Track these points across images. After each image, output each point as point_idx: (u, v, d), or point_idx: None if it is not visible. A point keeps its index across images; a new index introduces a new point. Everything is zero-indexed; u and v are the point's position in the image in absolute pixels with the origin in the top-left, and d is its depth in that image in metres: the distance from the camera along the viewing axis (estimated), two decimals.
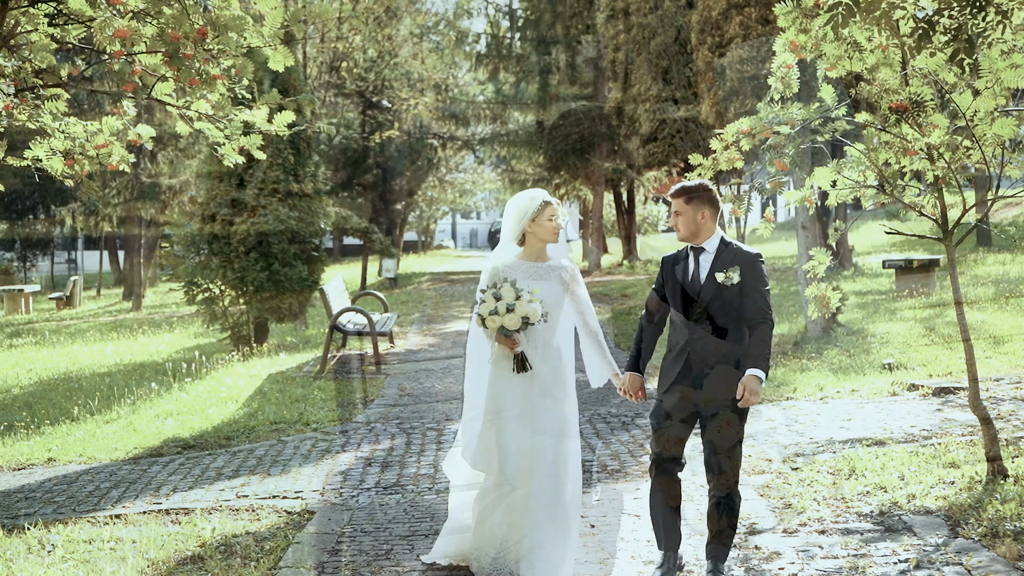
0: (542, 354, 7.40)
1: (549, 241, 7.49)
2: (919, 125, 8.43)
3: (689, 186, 7.10)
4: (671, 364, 7.12)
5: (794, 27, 9.11)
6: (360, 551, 8.03)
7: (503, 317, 7.15)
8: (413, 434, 12.13)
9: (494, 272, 7.46)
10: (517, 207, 7.52)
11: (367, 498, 9.61)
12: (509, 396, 7.36)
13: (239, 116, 8.35)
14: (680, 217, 7.12)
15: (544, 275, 7.46)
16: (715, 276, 6.93)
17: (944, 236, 8.91)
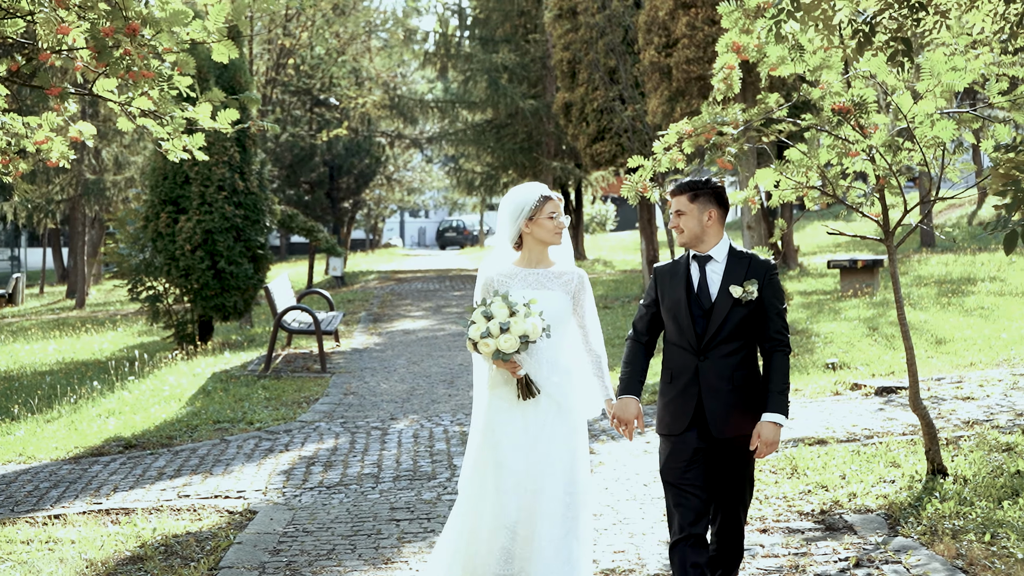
0: (548, 375, 6.39)
1: (550, 243, 6.50)
2: (861, 127, 8.48)
3: (694, 181, 6.13)
4: (679, 400, 6.02)
5: (737, 28, 9.16)
6: (302, 551, 7.99)
7: (497, 339, 6.16)
8: (357, 433, 12.09)
9: (487, 284, 6.52)
10: (511, 205, 6.53)
11: (310, 498, 9.57)
12: (511, 427, 6.35)
13: (181, 113, 8.28)
14: (682, 218, 6.08)
15: (546, 283, 6.47)
16: (729, 290, 5.93)
17: (886, 237, 8.98)
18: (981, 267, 24.71)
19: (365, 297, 28.92)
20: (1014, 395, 11.76)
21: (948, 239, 27.24)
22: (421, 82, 47.26)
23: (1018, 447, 9.50)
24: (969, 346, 15.06)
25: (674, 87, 21.27)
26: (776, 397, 5.93)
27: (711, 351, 5.97)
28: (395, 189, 52.26)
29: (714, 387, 5.95)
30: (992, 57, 10.33)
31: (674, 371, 6.06)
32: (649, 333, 6.27)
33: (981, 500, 8.16)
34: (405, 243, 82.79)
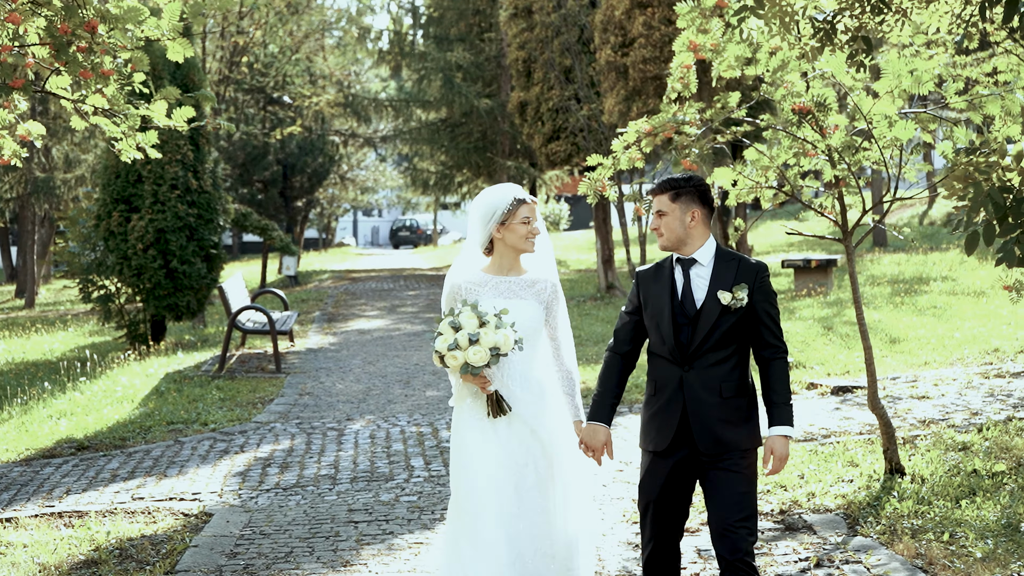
0: (520, 393, 5.95)
1: (523, 250, 6.02)
2: (820, 127, 8.50)
3: (676, 179, 5.73)
4: (662, 415, 5.65)
5: (693, 27, 9.15)
6: (259, 554, 7.90)
7: (466, 351, 5.70)
8: (313, 434, 12.00)
9: (453, 291, 6.09)
10: (482, 207, 6.04)
11: (266, 499, 9.48)
12: (482, 448, 5.89)
13: (136, 112, 8.16)
14: (664, 218, 5.68)
15: (518, 292, 6.03)
16: (717, 296, 5.53)
17: (844, 236, 9.00)
18: (933, 267, 24.91)
19: (319, 296, 28.77)
20: (969, 394, 11.83)
21: (907, 239, 27.44)
22: (375, 81, 47.09)
23: (974, 446, 9.55)
24: (923, 345, 15.15)
25: (630, 86, 21.27)
26: (782, 408, 5.57)
27: (696, 361, 5.57)
28: (348, 188, 52.08)
29: (700, 399, 5.55)
30: (947, 58, 10.39)
31: (658, 383, 5.69)
32: (631, 343, 5.86)
33: (939, 499, 8.20)
34: (358, 242, 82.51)
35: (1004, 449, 9.38)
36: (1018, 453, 9.23)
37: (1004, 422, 10.33)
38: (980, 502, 8.05)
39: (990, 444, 9.54)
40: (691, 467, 5.65)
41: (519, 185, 6.35)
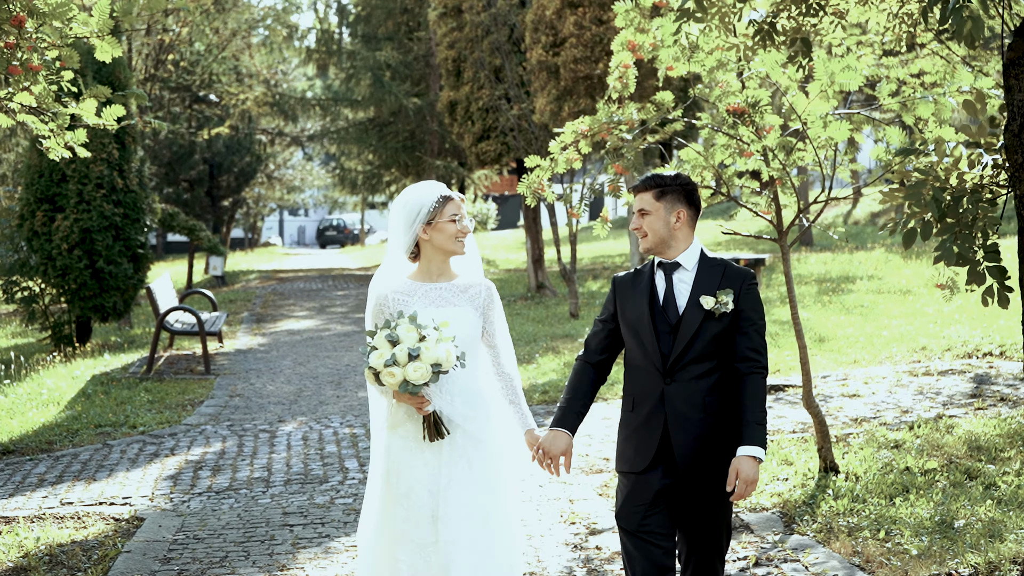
0: (463, 410, 5.46)
1: (453, 251, 5.54)
2: (756, 127, 8.53)
3: (661, 176, 5.33)
4: (641, 432, 5.23)
5: (632, 27, 9.15)
6: (194, 559, 7.79)
7: (405, 368, 5.17)
8: (245, 436, 11.86)
9: (380, 305, 5.54)
10: (406, 207, 5.55)
11: (199, 503, 9.35)
12: (418, 473, 5.41)
13: (66, 110, 8.01)
14: (647, 218, 5.26)
15: (452, 299, 5.53)
16: (700, 301, 5.13)
17: (779, 236, 9.05)
18: (859, 266, 25.20)
19: (247, 297, 28.51)
20: (899, 392, 11.96)
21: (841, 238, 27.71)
22: (302, 79, 46.79)
23: (906, 444, 9.64)
24: (851, 344, 15.29)
25: (562, 86, 21.28)
26: (753, 428, 5.07)
27: (679, 373, 5.14)
28: (275, 187, 51.69)
29: (683, 415, 5.13)
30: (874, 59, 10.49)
31: (636, 397, 5.26)
32: (604, 352, 5.44)
33: (873, 497, 8.27)
34: (284, 242, 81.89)
35: (935, 447, 9.48)
36: (949, 451, 9.33)
37: (934, 420, 10.44)
38: (914, 499, 8.13)
39: (921, 442, 9.64)
40: (670, 490, 5.20)
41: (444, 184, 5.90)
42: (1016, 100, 5.54)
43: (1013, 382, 11.93)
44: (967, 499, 8.05)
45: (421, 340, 5.25)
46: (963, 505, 7.92)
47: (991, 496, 8.10)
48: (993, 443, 9.42)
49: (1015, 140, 5.55)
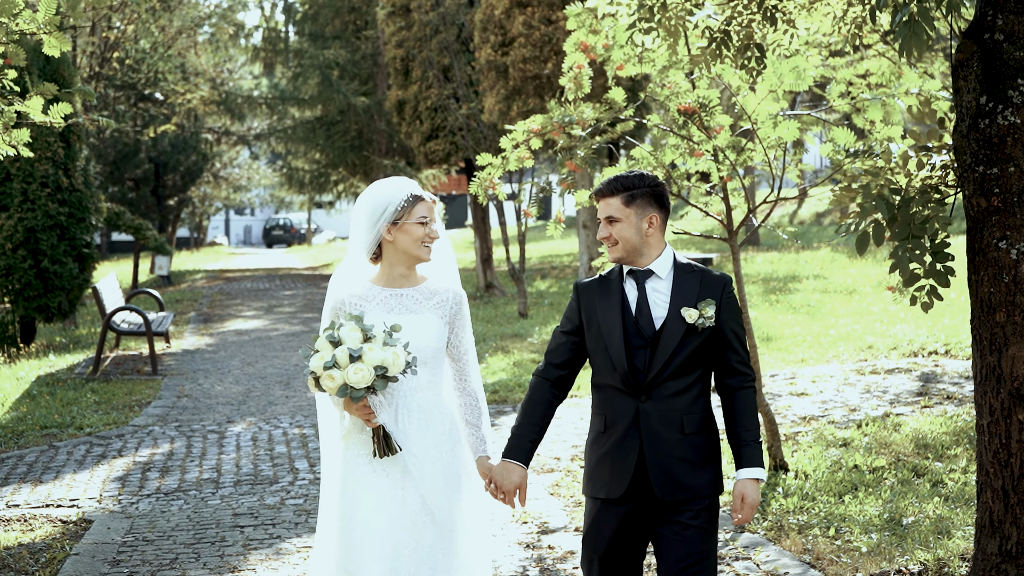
0: (420, 425, 5.01)
1: (417, 258, 5.09)
2: (706, 127, 8.58)
3: (628, 178, 4.85)
4: (615, 455, 4.79)
5: (584, 28, 9.17)
6: (143, 561, 7.72)
7: (345, 371, 4.75)
8: (193, 437, 11.78)
9: (337, 308, 5.13)
10: (371, 204, 5.09)
11: (147, 505, 9.27)
12: (368, 495, 4.95)
13: (11, 108, 7.91)
14: (616, 226, 4.82)
15: (413, 305, 5.08)
16: (681, 314, 4.72)
17: (730, 236, 9.10)
18: (805, 265, 25.40)
19: (194, 297, 28.32)
20: (846, 391, 12.05)
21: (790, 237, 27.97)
22: (248, 78, 46.51)
23: (854, 442, 9.73)
24: (799, 343, 15.41)
25: (511, 86, 21.29)
26: (752, 448, 4.74)
27: (655, 390, 4.73)
28: (222, 186, 51.37)
29: (660, 436, 4.72)
30: (820, 60, 10.57)
31: (608, 417, 4.82)
32: (565, 367, 4.96)
33: (823, 495, 8.33)
34: (231, 241, 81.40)
35: (883, 445, 9.57)
36: (897, 448, 9.42)
37: (882, 418, 10.54)
38: (863, 497, 8.21)
39: (869, 440, 9.73)
40: (645, 516, 4.82)
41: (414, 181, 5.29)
42: (964, 102, 5.60)
43: (958, 380, 12.06)
44: (915, 496, 8.14)
45: (366, 341, 4.83)
46: (911, 502, 8.00)
47: (938, 493, 8.19)
48: (940, 441, 9.53)
49: (963, 141, 5.60)
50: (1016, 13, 5.43)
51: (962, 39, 5.61)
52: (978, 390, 5.71)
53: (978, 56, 5.53)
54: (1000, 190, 5.48)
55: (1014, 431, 5.56)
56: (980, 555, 5.78)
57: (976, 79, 5.53)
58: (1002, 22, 5.46)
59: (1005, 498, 5.61)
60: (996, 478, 5.64)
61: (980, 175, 5.53)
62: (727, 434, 4.79)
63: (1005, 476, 5.61)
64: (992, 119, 5.48)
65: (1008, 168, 5.45)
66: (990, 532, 5.71)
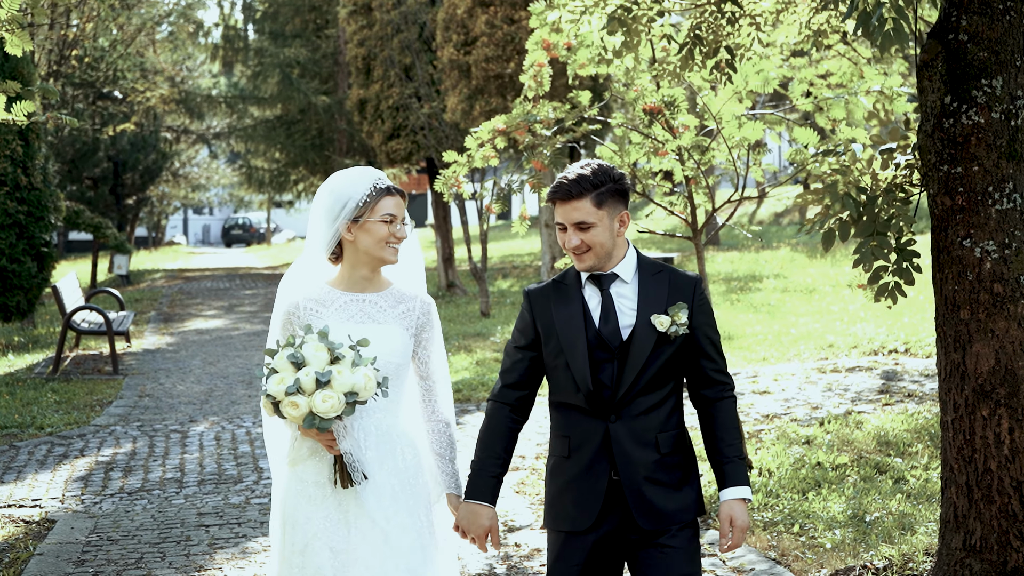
0: (378, 451, 4.44)
1: (381, 260, 4.51)
2: (670, 127, 8.63)
3: (595, 175, 4.25)
4: (582, 482, 4.30)
5: (547, 27, 9.19)
6: (108, 560, 7.69)
7: (311, 397, 4.18)
8: (156, 437, 11.72)
9: (290, 314, 4.55)
10: (330, 197, 4.53)
11: (111, 504, 9.22)
12: (316, 526, 4.40)
13: None
14: (592, 232, 4.24)
15: (376, 314, 4.51)
16: (651, 322, 4.24)
17: (694, 235, 9.15)
18: (765, 265, 25.55)
19: (153, 296, 28.17)
20: (808, 389, 12.14)
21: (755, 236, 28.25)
22: (208, 76, 46.28)
23: (817, 439, 9.80)
24: (760, 342, 15.50)
25: (473, 85, 21.31)
26: (736, 465, 4.32)
27: (625, 408, 4.26)
28: (180, 185, 51.11)
29: (633, 459, 4.25)
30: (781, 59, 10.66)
31: (572, 440, 4.32)
32: (523, 387, 4.43)
33: (787, 492, 8.40)
34: (189, 241, 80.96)
35: (845, 442, 9.65)
36: (859, 446, 9.50)
37: (844, 415, 10.63)
38: (826, 494, 8.27)
39: (832, 437, 9.81)
40: (615, 546, 4.35)
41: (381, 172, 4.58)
42: (929, 101, 5.66)
43: (919, 378, 12.17)
44: (878, 493, 8.21)
45: (333, 362, 4.26)
46: (874, 499, 8.07)
47: (901, 490, 8.27)
48: (901, 438, 9.61)
49: (928, 140, 5.67)
50: (980, 14, 5.50)
51: (927, 39, 5.68)
52: (942, 387, 5.78)
53: (943, 56, 5.60)
54: (964, 189, 5.54)
55: (978, 427, 5.62)
56: (944, 550, 5.85)
57: (941, 79, 5.60)
58: (966, 23, 5.52)
59: (969, 493, 5.68)
60: (960, 474, 5.70)
61: (945, 174, 5.60)
62: (707, 450, 4.37)
63: (969, 472, 5.68)
64: (956, 119, 5.54)
65: (972, 167, 5.52)
66: (954, 527, 5.77)
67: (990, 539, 5.64)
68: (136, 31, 33.22)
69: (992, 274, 5.52)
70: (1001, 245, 5.51)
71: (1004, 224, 5.52)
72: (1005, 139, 5.49)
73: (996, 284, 5.52)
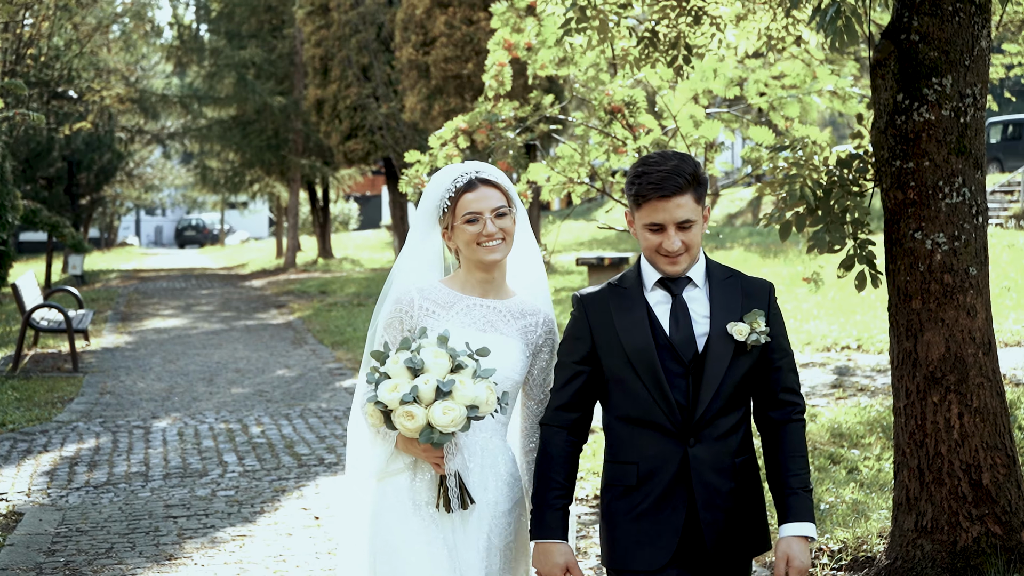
0: (482, 474, 3.98)
1: (480, 262, 3.99)
2: (630, 126, 8.81)
3: (690, 166, 3.77)
4: (656, 516, 3.80)
5: (508, 27, 9.35)
6: (79, 550, 7.78)
7: (430, 409, 3.73)
8: (119, 433, 11.79)
9: (403, 308, 4.04)
10: (427, 194, 4.12)
11: (77, 498, 9.30)
12: (423, 551, 3.93)
13: None
14: (689, 233, 3.77)
15: (500, 324, 4.04)
16: (728, 331, 3.78)
17: None
18: None
19: (110, 296, 28.11)
20: None
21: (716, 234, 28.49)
22: (162, 77, 46.14)
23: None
24: None
25: (432, 85, 21.47)
26: (801, 498, 3.85)
27: (706, 430, 3.79)
28: (135, 185, 50.92)
29: (714, 488, 3.79)
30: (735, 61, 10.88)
31: (642, 467, 3.82)
32: (579, 407, 3.91)
33: None
34: (142, 242, 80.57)
35: None
36: (813, 438, 9.73)
37: None
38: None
39: None
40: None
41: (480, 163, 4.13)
42: (882, 99, 5.88)
43: (871, 373, 12.44)
44: (832, 483, 8.42)
45: (455, 371, 3.79)
46: (828, 488, 8.28)
47: (854, 479, 8.48)
48: (854, 430, 9.85)
49: (881, 137, 5.89)
50: (931, 15, 5.72)
51: (881, 39, 5.90)
52: (895, 374, 6.00)
53: (895, 56, 5.82)
54: (916, 183, 5.77)
55: (929, 413, 5.85)
56: (897, 531, 6.07)
57: (893, 78, 5.82)
58: (917, 23, 5.75)
59: (920, 476, 5.90)
60: (912, 458, 5.93)
61: (897, 169, 5.82)
62: (769, 478, 3.93)
63: (920, 456, 5.90)
64: (908, 116, 5.77)
65: (923, 163, 5.74)
66: (906, 509, 6.00)
67: (941, 520, 5.87)
68: (92, 30, 33.12)
69: (942, 265, 5.75)
70: (951, 237, 5.74)
71: (954, 217, 5.75)
72: (955, 135, 5.73)
73: (946, 275, 5.76)
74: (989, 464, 5.86)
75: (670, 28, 7.44)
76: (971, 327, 5.79)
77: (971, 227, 5.78)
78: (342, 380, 14.85)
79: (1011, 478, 5.93)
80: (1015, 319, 14.71)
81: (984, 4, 5.73)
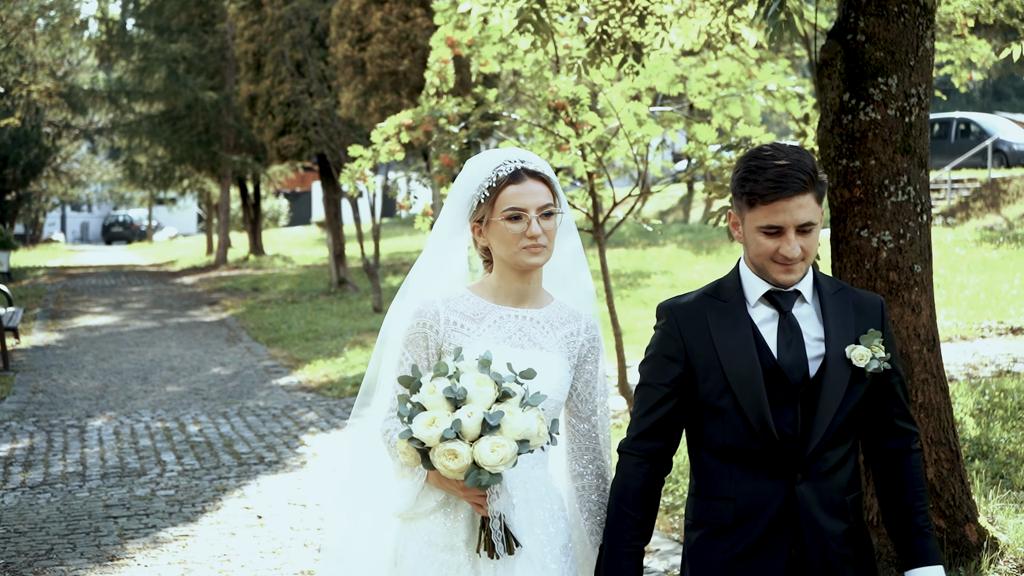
0: (527, 510, 3.42)
1: (518, 265, 3.40)
2: (574, 124, 8.85)
3: (810, 161, 3.23)
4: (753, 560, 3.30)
5: (451, 24, 9.37)
6: (18, 552, 7.67)
7: (476, 446, 3.17)
8: (53, 432, 11.64)
9: (427, 323, 3.46)
10: (458, 186, 3.50)
11: (14, 499, 9.17)
12: None
13: None
14: (808, 237, 3.26)
15: (540, 336, 3.49)
16: (847, 355, 3.29)
17: (595, 229, 9.39)
18: (652, 262, 25.98)
19: (38, 293, 27.73)
20: None
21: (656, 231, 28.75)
22: (91, 71, 45.54)
23: None
24: (650, 335, 15.80)
25: (368, 81, 21.38)
26: (929, 539, 3.38)
27: (814, 464, 3.29)
28: (61, 181, 50.25)
29: (824, 530, 3.30)
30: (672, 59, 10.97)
31: (739, 504, 3.31)
32: (664, 436, 3.40)
33: (685, 478, 8.64)
34: (67, 238, 79.50)
35: None
36: None
37: None
38: None
39: None
40: None
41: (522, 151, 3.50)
42: (828, 99, 5.95)
43: None
44: None
45: (500, 400, 3.23)
46: None
47: None
48: None
49: (828, 136, 5.96)
50: (876, 16, 5.80)
51: (828, 39, 5.96)
52: None
53: (841, 56, 5.89)
54: (862, 182, 5.84)
55: None
56: None
57: (840, 77, 5.89)
58: (864, 24, 5.82)
59: (865, 472, 5.97)
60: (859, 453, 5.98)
61: (843, 168, 5.89)
62: (886, 517, 3.45)
63: None
64: (855, 115, 5.84)
65: (869, 161, 5.82)
66: None
67: None
68: (19, 24, 32.65)
69: (888, 263, 5.83)
70: (896, 235, 5.82)
71: (899, 215, 5.83)
72: (900, 135, 5.80)
73: (892, 272, 5.83)
74: (934, 459, 5.96)
75: (614, 28, 7.47)
76: (916, 324, 5.88)
77: (916, 225, 5.86)
78: (278, 378, 14.77)
79: (955, 473, 6.02)
80: (946, 315, 14.92)
81: (929, 5, 5.81)
